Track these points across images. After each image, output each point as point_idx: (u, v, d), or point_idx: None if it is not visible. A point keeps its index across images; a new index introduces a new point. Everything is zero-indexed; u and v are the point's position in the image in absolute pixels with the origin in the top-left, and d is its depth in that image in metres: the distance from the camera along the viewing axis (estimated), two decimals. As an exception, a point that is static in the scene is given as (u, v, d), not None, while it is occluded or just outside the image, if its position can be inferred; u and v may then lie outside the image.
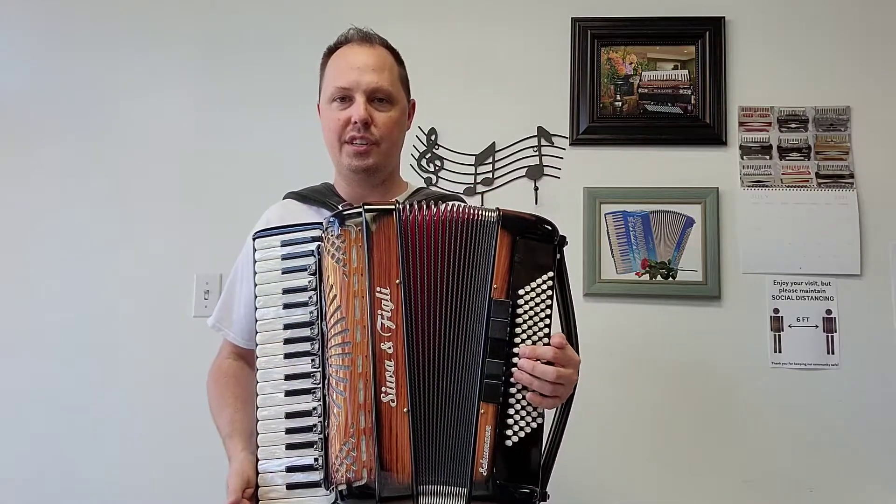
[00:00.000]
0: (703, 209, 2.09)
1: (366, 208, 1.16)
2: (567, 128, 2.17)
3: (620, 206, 2.12)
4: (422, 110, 1.49)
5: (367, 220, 1.15)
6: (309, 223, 1.22)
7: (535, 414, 1.13)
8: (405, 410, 1.11)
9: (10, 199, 2.27)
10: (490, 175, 2.17)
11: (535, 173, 2.16)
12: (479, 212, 1.18)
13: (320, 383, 1.14)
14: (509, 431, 1.12)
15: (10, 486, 2.15)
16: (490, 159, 2.18)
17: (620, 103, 2.17)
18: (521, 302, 1.15)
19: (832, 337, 2.03)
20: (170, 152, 2.25)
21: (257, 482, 1.15)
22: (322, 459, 1.12)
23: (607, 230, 2.11)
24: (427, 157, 2.19)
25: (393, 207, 1.16)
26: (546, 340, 1.14)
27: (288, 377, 1.17)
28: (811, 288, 2.05)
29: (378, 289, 1.13)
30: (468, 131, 2.19)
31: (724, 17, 2.16)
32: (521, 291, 1.15)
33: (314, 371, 1.15)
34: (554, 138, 2.17)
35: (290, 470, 1.14)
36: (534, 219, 1.19)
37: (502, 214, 1.17)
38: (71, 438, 2.15)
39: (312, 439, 1.14)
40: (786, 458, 2.00)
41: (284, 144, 2.20)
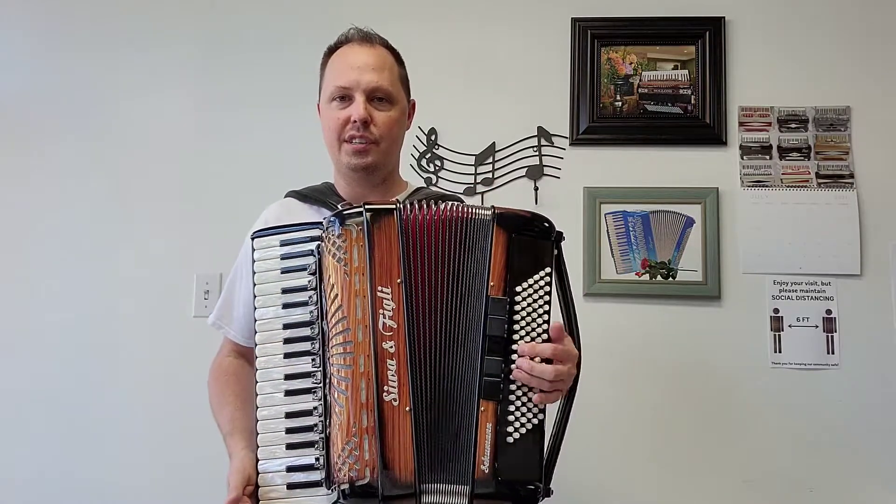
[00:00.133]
0: (703, 209, 2.09)
1: (366, 208, 1.16)
2: (567, 128, 2.17)
3: (620, 206, 2.12)
4: (422, 110, 1.49)
5: (368, 219, 1.15)
6: (308, 223, 1.22)
7: (535, 410, 1.13)
8: (407, 409, 1.11)
9: (10, 199, 2.27)
10: (490, 175, 2.17)
11: (535, 173, 2.16)
12: (475, 210, 1.18)
13: (320, 383, 1.14)
14: (510, 428, 1.12)
15: (10, 486, 2.15)
16: (490, 159, 2.18)
17: (620, 103, 2.17)
18: (518, 299, 1.15)
19: (832, 337, 2.03)
20: (170, 152, 2.26)
21: (257, 482, 1.16)
22: (323, 459, 1.12)
23: (607, 230, 2.11)
24: (427, 157, 2.19)
25: (393, 207, 1.16)
26: (545, 336, 1.14)
27: (287, 377, 1.17)
28: (811, 288, 2.05)
29: (379, 288, 1.13)
30: (468, 131, 2.19)
31: (724, 17, 2.16)
32: (518, 288, 1.15)
33: (314, 371, 1.15)
34: (554, 138, 2.17)
35: (290, 470, 1.14)
36: (529, 215, 1.19)
37: (497, 212, 1.17)
38: (71, 438, 2.15)
39: (313, 439, 1.13)
40: (786, 458, 2.00)
41: (284, 144, 2.20)
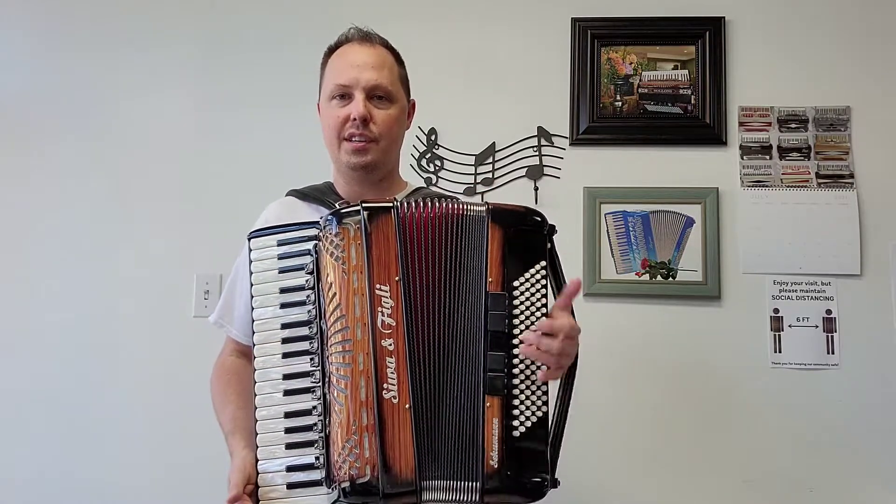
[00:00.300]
0: (703, 209, 2.09)
1: (364, 206, 1.16)
2: (567, 128, 2.17)
3: (620, 206, 2.12)
4: (422, 110, 1.49)
5: (366, 217, 1.15)
6: (305, 222, 1.22)
7: (539, 403, 1.14)
8: (407, 407, 1.11)
9: (10, 199, 2.27)
10: (490, 175, 2.17)
11: (535, 173, 2.16)
12: (469, 207, 1.18)
13: (319, 382, 1.14)
14: (516, 422, 1.12)
15: (10, 486, 2.15)
16: (490, 159, 2.18)
17: (620, 103, 2.17)
18: (516, 293, 1.15)
19: (832, 337, 2.02)
20: (170, 152, 2.25)
21: (257, 482, 1.16)
22: (323, 458, 1.12)
23: (607, 230, 2.11)
24: (427, 157, 2.19)
25: (391, 205, 1.17)
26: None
27: (286, 376, 1.17)
28: (811, 288, 2.05)
29: (378, 286, 1.13)
30: (468, 131, 2.18)
31: (724, 17, 2.16)
32: (515, 283, 1.15)
33: (313, 370, 1.15)
34: (554, 138, 2.17)
35: (290, 469, 1.14)
36: (522, 210, 1.20)
37: (491, 208, 1.17)
38: (71, 438, 2.15)
39: (312, 438, 1.14)
40: (786, 458, 2.00)
41: (284, 144, 2.20)
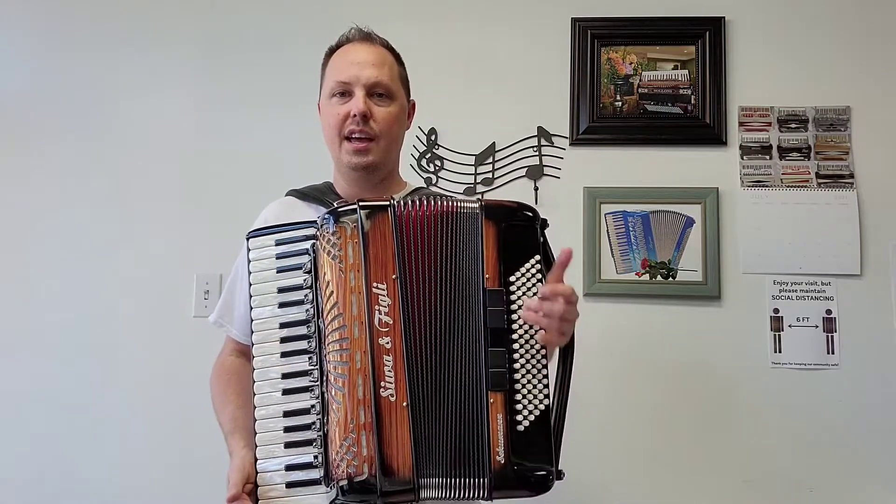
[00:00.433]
0: (703, 209, 2.09)
1: (361, 205, 1.16)
2: (567, 128, 2.17)
3: (620, 206, 2.12)
4: (422, 110, 1.49)
5: (363, 216, 1.15)
6: (302, 222, 1.23)
7: (541, 396, 1.14)
8: (405, 405, 1.11)
9: (10, 199, 2.27)
10: (490, 175, 2.17)
11: (535, 173, 2.16)
12: (462, 203, 1.19)
13: (318, 380, 1.15)
14: (519, 416, 1.13)
15: (10, 486, 2.15)
16: (490, 159, 2.18)
17: (620, 103, 2.17)
18: (513, 288, 1.16)
19: (832, 337, 2.02)
20: (170, 152, 2.25)
21: (256, 481, 1.16)
22: (321, 457, 1.12)
23: (607, 230, 2.11)
24: (427, 157, 2.19)
25: (387, 203, 1.17)
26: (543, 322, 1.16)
27: (285, 376, 1.18)
28: (811, 288, 2.05)
29: (375, 284, 1.14)
30: (468, 131, 2.18)
31: (724, 17, 2.16)
32: (511, 278, 1.16)
33: (311, 369, 1.16)
34: (554, 138, 2.17)
35: (289, 468, 1.15)
36: (515, 205, 1.20)
37: (484, 204, 1.17)
38: (71, 438, 2.15)
39: (311, 437, 1.14)
40: (786, 458, 1.99)
41: (284, 144, 2.20)
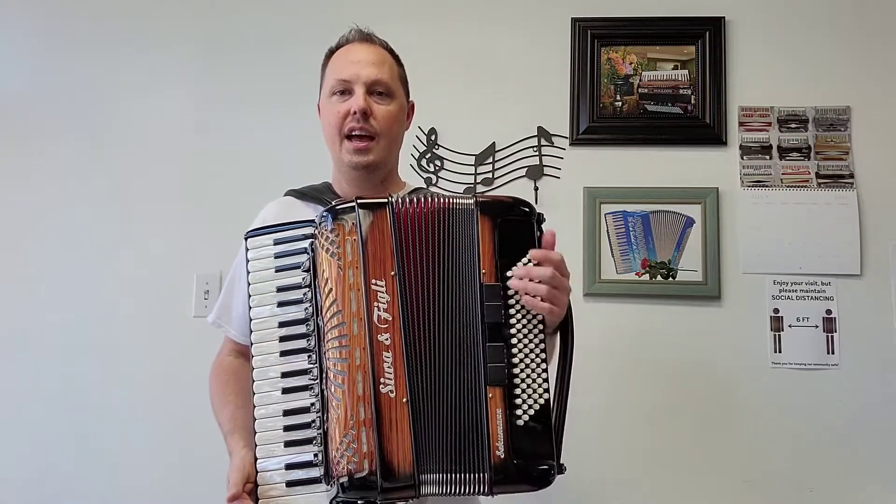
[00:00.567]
0: (703, 209, 2.09)
1: (359, 202, 1.16)
2: (567, 128, 2.17)
3: (620, 206, 2.12)
4: (422, 110, 1.49)
5: (361, 213, 1.16)
6: (301, 221, 1.23)
7: (540, 391, 1.14)
8: (404, 401, 1.11)
9: (10, 199, 2.27)
10: (490, 175, 2.17)
11: (535, 173, 2.16)
12: (458, 200, 1.19)
13: (317, 378, 1.15)
14: (518, 411, 1.12)
15: (10, 486, 2.15)
16: (490, 159, 2.18)
17: (620, 103, 2.17)
18: (510, 283, 1.15)
19: (832, 337, 2.02)
20: (170, 152, 2.25)
21: (256, 480, 1.16)
22: (322, 455, 1.12)
23: (607, 230, 2.11)
24: (427, 157, 2.19)
25: (386, 201, 1.17)
26: (541, 317, 1.16)
27: (284, 374, 1.18)
28: (811, 288, 2.05)
29: (373, 281, 1.14)
30: (468, 131, 2.18)
31: (724, 17, 2.16)
32: (508, 273, 1.15)
33: (311, 367, 1.16)
34: (554, 138, 2.17)
35: (289, 467, 1.15)
36: (510, 200, 1.20)
37: (479, 200, 1.18)
38: (71, 438, 2.15)
39: (311, 435, 1.14)
40: (786, 458, 1.99)
41: (284, 144, 2.20)
